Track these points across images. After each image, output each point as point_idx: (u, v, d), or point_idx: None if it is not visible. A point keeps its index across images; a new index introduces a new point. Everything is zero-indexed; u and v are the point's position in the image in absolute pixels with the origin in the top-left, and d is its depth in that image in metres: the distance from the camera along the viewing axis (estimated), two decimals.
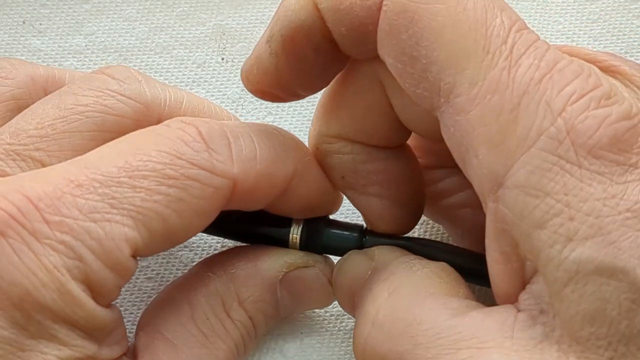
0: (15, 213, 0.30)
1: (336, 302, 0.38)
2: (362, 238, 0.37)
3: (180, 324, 0.35)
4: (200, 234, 0.42)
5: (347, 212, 0.42)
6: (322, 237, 0.37)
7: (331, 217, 0.38)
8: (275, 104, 0.45)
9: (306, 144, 0.37)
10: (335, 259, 0.38)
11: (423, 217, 0.40)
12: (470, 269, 0.36)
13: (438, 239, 0.42)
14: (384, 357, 0.32)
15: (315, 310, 0.41)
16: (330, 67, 0.35)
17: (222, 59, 0.46)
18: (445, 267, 0.34)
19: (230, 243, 0.40)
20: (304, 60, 0.33)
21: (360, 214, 0.38)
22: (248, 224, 0.37)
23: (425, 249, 0.36)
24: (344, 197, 0.38)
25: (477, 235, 0.38)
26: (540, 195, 0.29)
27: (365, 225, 0.38)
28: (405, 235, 0.37)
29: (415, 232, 0.42)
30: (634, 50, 0.46)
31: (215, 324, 0.35)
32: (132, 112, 0.36)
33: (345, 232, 0.37)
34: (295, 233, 0.37)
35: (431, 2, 0.31)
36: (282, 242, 0.37)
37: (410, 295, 0.33)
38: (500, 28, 0.30)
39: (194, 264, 0.39)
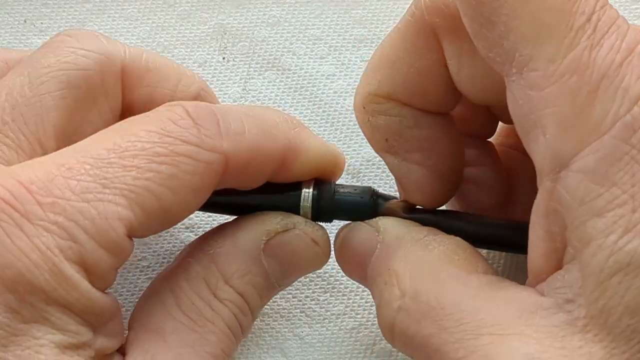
0: (8, 197, 0.31)
1: (336, 304, 0.38)
2: (376, 201, 0.36)
3: (166, 313, 0.35)
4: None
5: None
6: (333, 202, 0.36)
7: None
8: (279, 106, 0.45)
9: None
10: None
11: None
12: (489, 238, 0.36)
13: None
14: (412, 338, 0.32)
15: (315, 309, 0.41)
16: None
17: (223, 58, 0.46)
18: (460, 243, 0.34)
19: None
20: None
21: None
22: (253, 196, 0.36)
23: (442, 220, 0.36)
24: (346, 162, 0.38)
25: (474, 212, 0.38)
26: (607, 184, 0.29)
27: (374, 189, 0.37)
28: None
29: None
30: None
31: (201, 307, 0.35)
32: (93, 64, 0.37)
33: (358, 198, 0.36)
34: (306, 201, 0.36)
35: None
36: (294, 210, 0.36)
37: (431, 276, 0.33)
38: (586, 4, 0.30)
39: None
